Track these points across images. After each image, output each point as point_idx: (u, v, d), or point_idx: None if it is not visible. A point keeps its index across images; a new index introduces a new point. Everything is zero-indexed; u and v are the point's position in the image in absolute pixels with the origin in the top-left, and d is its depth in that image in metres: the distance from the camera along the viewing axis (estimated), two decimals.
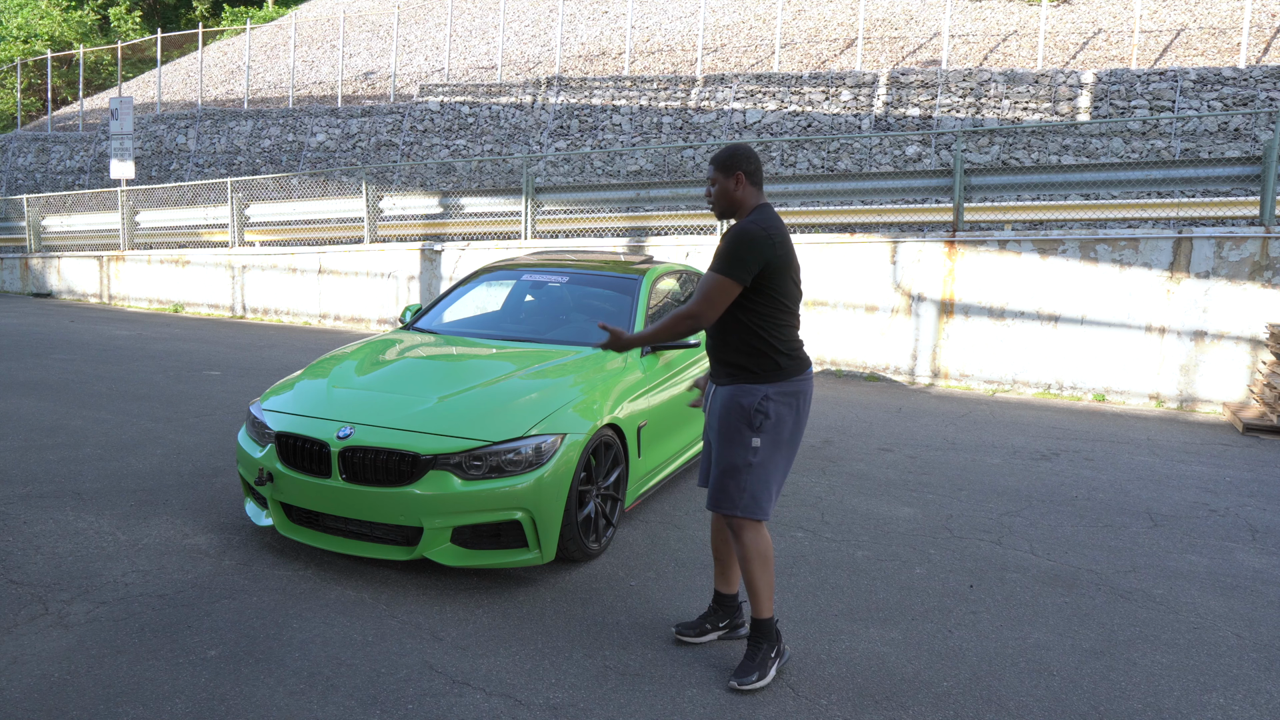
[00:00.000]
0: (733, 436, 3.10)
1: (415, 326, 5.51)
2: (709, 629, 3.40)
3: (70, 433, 6.29)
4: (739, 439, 3.09)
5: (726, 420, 3.11)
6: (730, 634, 3.43)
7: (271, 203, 15.11)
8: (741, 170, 3.14)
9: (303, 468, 3.89)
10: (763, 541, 3.11)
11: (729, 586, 3.42)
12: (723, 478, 3.11)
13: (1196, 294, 8.58)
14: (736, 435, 3.09)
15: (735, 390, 3.12)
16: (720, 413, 3.14)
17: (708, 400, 3.33)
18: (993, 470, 6.08)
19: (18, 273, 18.64)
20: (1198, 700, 3.11)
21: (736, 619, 3.44)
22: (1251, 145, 12.81)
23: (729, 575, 3.41)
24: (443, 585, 3.85)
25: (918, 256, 9.73)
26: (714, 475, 3.15)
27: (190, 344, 11.22)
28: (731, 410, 3.11)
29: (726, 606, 3.43)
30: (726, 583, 3.42)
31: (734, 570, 3.40)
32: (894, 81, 15.55)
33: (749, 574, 3.12)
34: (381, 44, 24.20)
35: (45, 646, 3.21)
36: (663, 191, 11.84)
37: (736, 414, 3.10)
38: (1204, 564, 4.41)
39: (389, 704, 2.92)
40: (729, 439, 3.11)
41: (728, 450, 3.11)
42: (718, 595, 3.44)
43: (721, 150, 3.21)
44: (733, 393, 3.12)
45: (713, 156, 3.23)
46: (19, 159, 25.51)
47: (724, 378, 3.18)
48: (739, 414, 3.09)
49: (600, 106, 17.47)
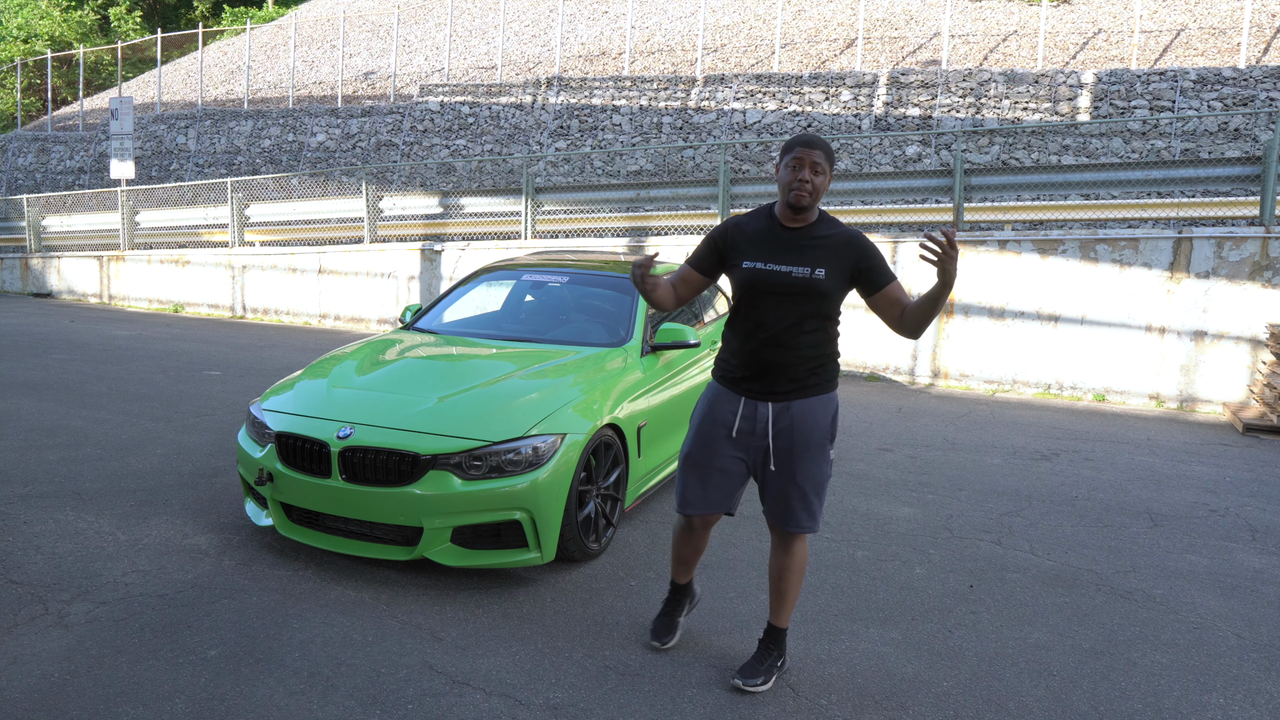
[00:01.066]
0: (820, 452, 2.98)
1: (415, 326, 5.51)
2: (679, 621, 3.39)
3: (70, 433, 6.29)
4: (823, 453, 2.99)
5: (814, 435, 2.96)
6: (690, 610, 3.45)
7: (271, 203, 15.11)
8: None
9: (303, 468, 3.89)
10: (808, 551, 3.14)
11: (687, 576, 3.36)
12: (808, 496, 2.98)
13: (1196, 294, 8.58)
14: (821, 450, 2.98)
15: (817, 402, 2.98)
16: (801, 429, 2.95)
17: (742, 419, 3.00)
18: (993, 470, 6.08)
19: (18, 273, 18.64)
20: (1198, 700, 3.11)
21: (693, 596, 3.46)
22: (1251, 145, 12.81)
23: (690, 570, 3.34)
24: (443, 585, 3.85)
25: (918, 256, 9.71)
26: (791, 494, 2.98)
27: (190, 344, 11.22)
28: (819, 424, 2.97)
29: (685, 591, 3.40)
30: (687, 574, 3.35)
31: (695, 567, 3.37)
32: (894, 81, 15.55)
33: (790, 584, 3.09)
34: (381, 44, 24.20)
35: (45, 646, 3.21)
36: (663, 191, 11.84)
37: (824, 427, 2.98)
38: (1204, 564, 4.41)
39: (389, 704, 2.92)
40: (817, 454, 2.97)
41: (816, 466, 2.97)
42: (676, 586, 3.38)
43: (826, 143, 2.91)
44: (811, 406, 2.97)
45: (820, 143, 2.90)
46: (19, 159, 25.52)
47: (792, 392, 2.96)
48: (826, 427, 2.99)
49: (600, 106, 17.47)
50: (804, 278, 2.89)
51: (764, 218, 3.03)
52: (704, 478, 3.07)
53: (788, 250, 2.92)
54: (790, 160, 2.90)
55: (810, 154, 2.87)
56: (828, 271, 2.89)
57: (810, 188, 2.87)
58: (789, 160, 2.90)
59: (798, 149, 2.89)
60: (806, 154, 2.87)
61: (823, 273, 2.89)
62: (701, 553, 3.31)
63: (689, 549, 3.26)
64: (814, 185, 2.88)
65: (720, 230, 3.08)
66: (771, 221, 3.00)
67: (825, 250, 2.91)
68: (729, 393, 3.05)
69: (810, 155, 2.87)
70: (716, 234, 3.08)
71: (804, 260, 2.90)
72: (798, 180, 2.87)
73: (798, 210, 2.91)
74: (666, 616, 3.38)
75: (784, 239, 2.95)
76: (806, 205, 2.89)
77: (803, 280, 2.89)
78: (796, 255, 2.91)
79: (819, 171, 2.88)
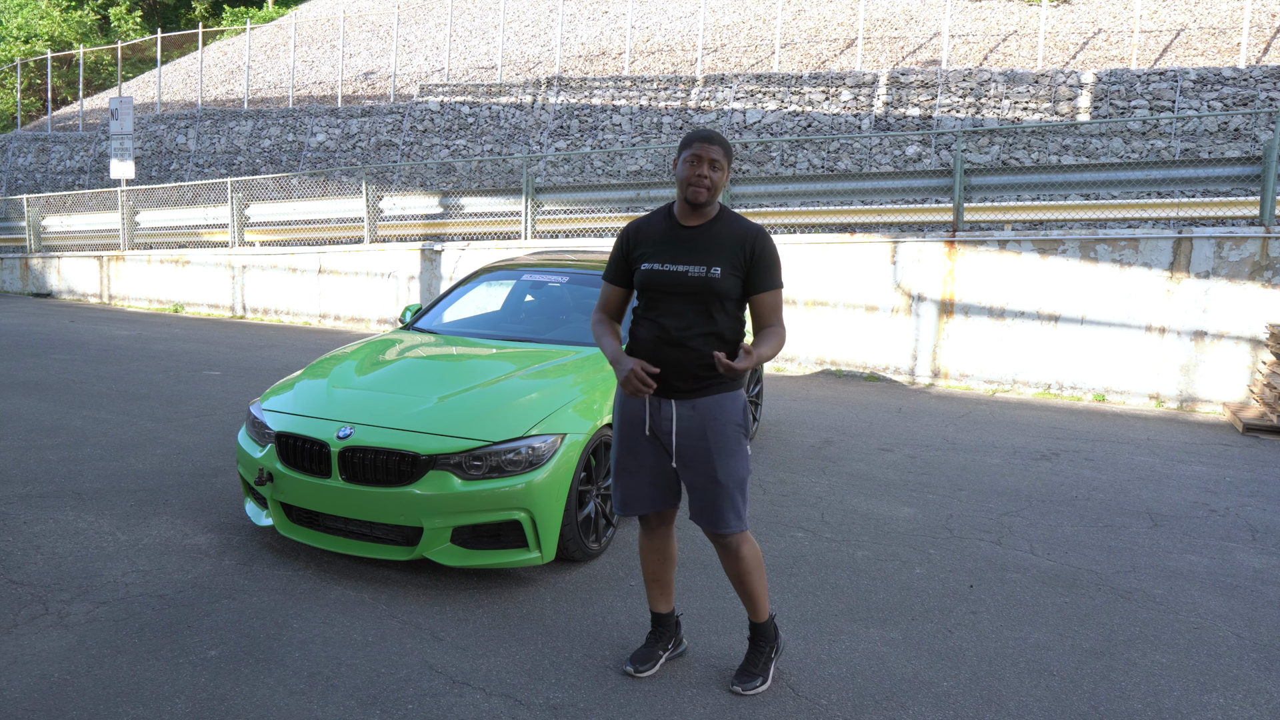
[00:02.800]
0: (734, 448, 2.91)
1: (415, 326, 5.51)
2: (660, 654, 3.20)
3: (70, 433, 6.28)
4: (740, 447, 2.92)
5: (725, 431, 2.90)
6: (673, 654, 3.26)
7: (271, 203, 15.11)
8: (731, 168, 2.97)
9: (303, 468, 3.89)
10: (756, 548, 3.05)
11: (668, 605, 3.22)
12: (730, 493, 2.91)
13: (1196, 294, 8.58)
14: (738, 444, 2.92)
15: (721, 400, 2.91)
16: (712, 425, 2.90)
17: (654, 418, 2.96)
18: (993, 470, 6.08)
19: (18, 273, 18.64)
20: (1198, 700, 3.11)
21: (678, 637, 3.28)
22: (1251, 145, 12.81)
23: (668, 593, 3.21)
24: (443, 585, 3.85)
25: (918, 256, 9.73)
26: (713, 492, 2.92)
27: (190, 344, 11.22)
28: (729, 418, 2.91)
29: (669, 625, 3.24)
30: (666, 602, 3.21)
31: (672, 586, 3.23)
32: (894, 81, 15.55)
33: (750, 584, 3.03)
34: (381, 44, 24.20)
35: (45, 646, 3.21)
36: (663, 191, 11.84)
37: (734, 421, 2.92)
38: (1204, 564, 4.41)
39: (389, 704, 2.92)
40: (731, 451, 2.91)
41: (732, 463, 2.91)
42: (657, 617, 3.23)
43: (722, 137, 2.89)
44: (719, 403, 2.90)
45: (715, 138, 2.87)
46: (19, 159, 25.51)
47: (697, 390, 2.90)
48: (737, 420, 2.92)
49: (600, 106, 17.47)
50: (700, 276, 2.85)
51: (663, 218, 3.01)
52: (634, 479, 3.04)
53: (685, 249, 2.90)
54: (688, 156, 2.87)
55: (708, 150, 2.85)
56: (724, 269, 2.85)
57: (708, 183, 2.85)
58: (686, 156, 2.87)
59: (695, 144, 2.86)
60: (704, 149, 2.85)
61: (719, 270, 2.85)
62: (671, 567, 3.18)
63: (655, 558, 3.16)
64: (712, 181, 2.86)
65: (622, 237, 3.07)
66: (670, 221, 2.98)
67: (721, 247, 2.88)
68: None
69: (708, 151, 2.85)
70: (620, 242, 3.07)
71: (700, 259, 2.87)
72: (695, 175, 2.85)
73: (695, 206, 2.90)
74: (648, 647, 3.21)
75: (682, 238, 2.92)
76: (704, 201, 2.88)
77: (699, 279, 2.85)
78: (693, 254, 2.88)
79: (717, 167, 2.86)
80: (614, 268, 3.09)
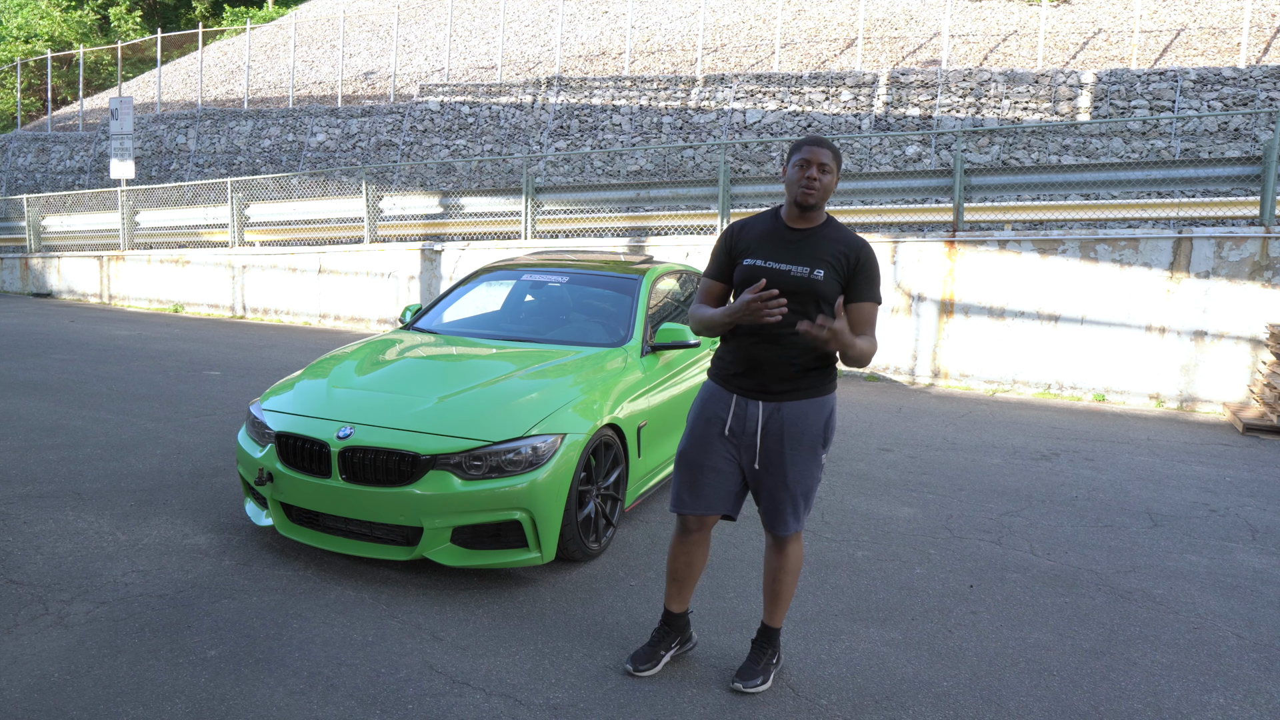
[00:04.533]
0: (813, 454, 2.96)
1: (415, 326, 5.51)
2: (662, 654, 3.19)
3: (70, 433, 6.29)
4: (814, 457, 2.97)
5: (805, 437, 2.93)
6: (681, 650, 3.27)
7: (271, 203, 15.11)
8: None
9: (303, 468, 3.89)
10: (803, 551, 3.12)
11: (683, 605, 3.23)
12: (797, 499, 2.97)
13: (1196, 294, 8.58)
14: (813, 453, 2.96)
15: (807, 405, 2.94)
16: (793, 430, 2.92)
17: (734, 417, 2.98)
18: (993, 470, 6.08)
19: (18, 273, 18.64)
20: (1198, 700, 3.11)
21: (686, 634, 3.28)
22: (1251, 145, 12.81)
23: (685, 595, 3.21)
24: (443, 585, 3.85)
25: (918, 256, 9.73)
26: (781, 496, 2.96)
27: (190, 344, 11.22)
28: (810, 426, 2.94)
29: (678, 625, 3.24)
30: (681, 601, 3.22)
31: (691, 590, 3.23)
32: (894, 81, 15.55)
33: (784, 584, 3.08)
34: (381, 44, 24.20)
35: (45, 646, 3.21)
36: (663, 191, 11.84)
37: (815, 430, 2.95)
38: (1204, 564, 4.41)
39: (389, 704, 2.92)
40: (810, 457, 2.95)
41: (804, 470, 2.95)
42: (669, 615, 3.23)
43: (832, 143, 2.96)
44: (804, 408, 2.93)
45: (827, 143, 2.93)
46: (19, 159, 25.52)
47: (786, 392, 2.93)
48: (818, 430, 2.96)
49: (600, 106, 17.47)
50: (803, 277, 2.87)
51: (769, 219, 3.04)
52: (696, 476, 3.04)
53: (789, 249, 2.92)
54: (799, 160, 2.91)
55: (818, 153, 2.89)
56: (826, 273, 2.87)
57: (818, 186, 2.88)
58: (797, 160, 2.91)
59: (806, 148, 2.91)
60: (815, 153, 2.89)
61: (821, 273, 2.87)
62: (696, 572, 3.18)
63: (682, 560, 3.15)
64: (822, 184, 2.89)
65: (726, 234, 3.09)
66: (777, 222, 3.01)
67: (827, 251, 2.90)
68: (722, 390, 3.03)
69: (818, 155, 2.89)
70: (724, 240, 3.09)
71: (804, 260, 2.89)
72: (806, 179, 2.88)
73: (804, 209, 2.92)
74: (651, 646, 3.20)
75: (788, 239, 2.95)
76: (814, 204, 2.90)
77: (801, 279, 2.87)
78: (797, 254, 2.90)
79: (826, 171, 2.89)
80: (715, 263, 3.10)
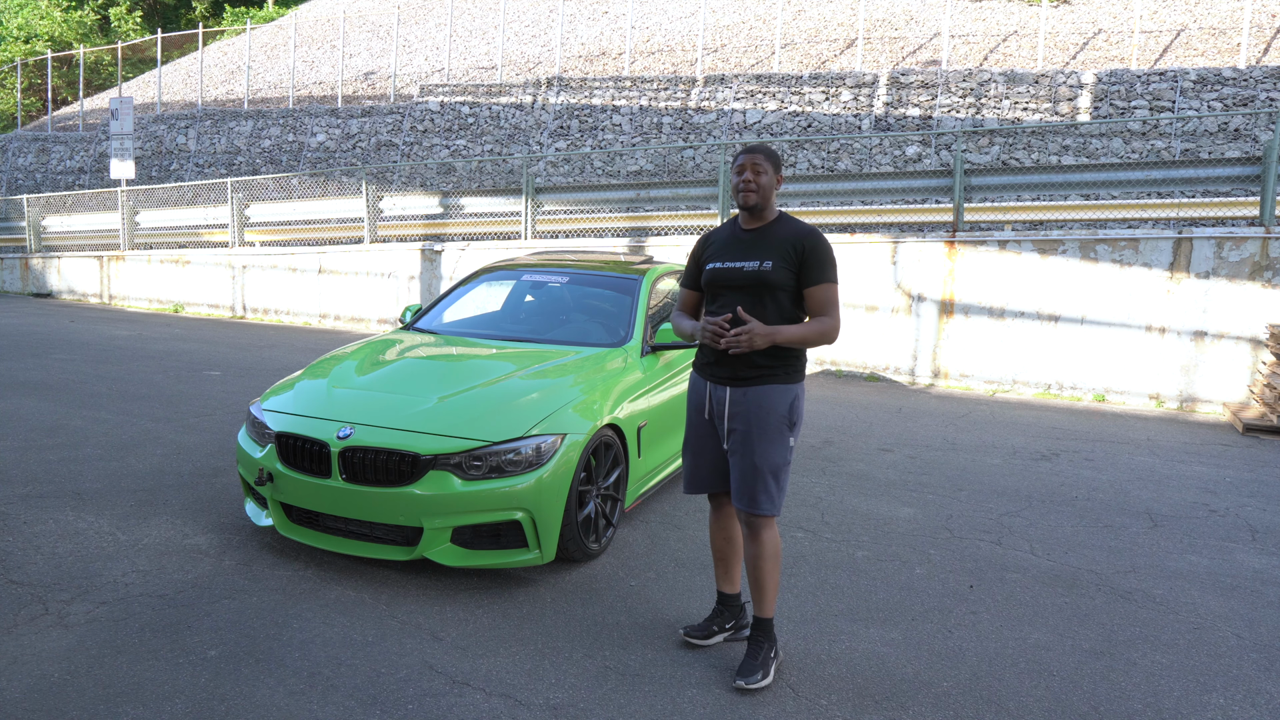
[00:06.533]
0: (775, 436, 3.10)
1: (415, 326, 5.51)
2: (715, 631, 3.40)
3: (70, 433, 6.29)
4: (780, 438, 3.12)
5: (768, 420, 3.10)
6: (735, 634, 3.43)
7: (271, 203, 15.11)
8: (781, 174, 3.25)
9: (303, 468, 3.89)
10: (778, 538, 3.20)
11: (733, 586, 3.44)
12: (765, 477, 3.10)
13: (1196, 294, 8.58)
14: (778, 435, 3.11)
15: (771, 390, 3.10)
16: (758, 413, 3.10)
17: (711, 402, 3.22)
18: (993, 470, 6.08)
19: (18, 273, 18.65)
20: (1198, 700, 3.11)
21: (741, 619, 3.46)
22: (1251, 145, 12.81)
23: (733, 575, 3.43)
24: (443, 585, 3.85)
25: (918, 256, 9.73)
26: (749, 475, 3.11)
27: (190, 344, 11.22)
28: (775, 409, 3.10)
29: (731, 607, 3.44)
30: (730, 583, 3.43)
31: (737, 569, 3.43)
32: (894, 81, 15.55)
33: (764, 571, 3.15)
34: (381, 44, 24.20)
35: (45, 646, 3.21)
36: (663, 191, 11.84)
37: (780, 413, 3.11)
38: (1204, 564, 4.41)
39: (389, 704, 2.92)
40: (771, 439, 3.10)
41: (770, 450, 3.10)
42: (722, 596, 3.45)
43: (766, 147, 3.20)
44: (768, 393, 3.10)
45: (759, 148, 3.18)
46: (19, 159, 25.52)
47: (753, 378, 3.11)
48: (783, 413, 3.11)
49: (600, 106, 17.47)
50: (754, 270, 3.10)
51: (729, 226, 3.31)
52: (694, 459, 3.33)
53: (743, 248, 3.17)
54: (735, 168, 3.19)
55: (751, 158, 3.16)
56: (775, 263, 3.09)
57: (755, 186, 3.13)
58: (734, 167, 3.20)
59: (741, 156, 3.19)
60: (748, 159, 3.16)
61: (770, 264, 3.09)
62: (738, 548, 3.37)
63: (720, 536, 3.39)
64: (759, 185, 3.13)
65: (696, 246, 3.37)
66: (735, 227, 3.28)
67: (776, 245, 3.13)
68: (699, 379, 3.30)
69: (751, 159, 3.15)
70: (694, 250, 3.36)
71: (755, 255, 3.13)
72: (743, 182, 3.15)
73: (749, 210, 3.18)
74: (707, 621, 3.44)
75: (741, 239, 3.21)
76: (755, 204, 3.15)
77: (753, 273, 3.10)
78: (749, 251, 3.15)
79: (761, 172, 3.14)
80: (688, 272, 3.41)
